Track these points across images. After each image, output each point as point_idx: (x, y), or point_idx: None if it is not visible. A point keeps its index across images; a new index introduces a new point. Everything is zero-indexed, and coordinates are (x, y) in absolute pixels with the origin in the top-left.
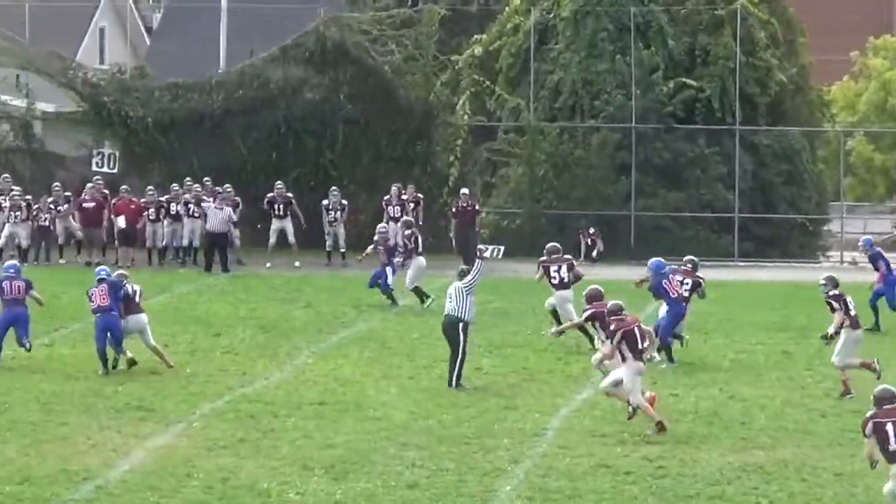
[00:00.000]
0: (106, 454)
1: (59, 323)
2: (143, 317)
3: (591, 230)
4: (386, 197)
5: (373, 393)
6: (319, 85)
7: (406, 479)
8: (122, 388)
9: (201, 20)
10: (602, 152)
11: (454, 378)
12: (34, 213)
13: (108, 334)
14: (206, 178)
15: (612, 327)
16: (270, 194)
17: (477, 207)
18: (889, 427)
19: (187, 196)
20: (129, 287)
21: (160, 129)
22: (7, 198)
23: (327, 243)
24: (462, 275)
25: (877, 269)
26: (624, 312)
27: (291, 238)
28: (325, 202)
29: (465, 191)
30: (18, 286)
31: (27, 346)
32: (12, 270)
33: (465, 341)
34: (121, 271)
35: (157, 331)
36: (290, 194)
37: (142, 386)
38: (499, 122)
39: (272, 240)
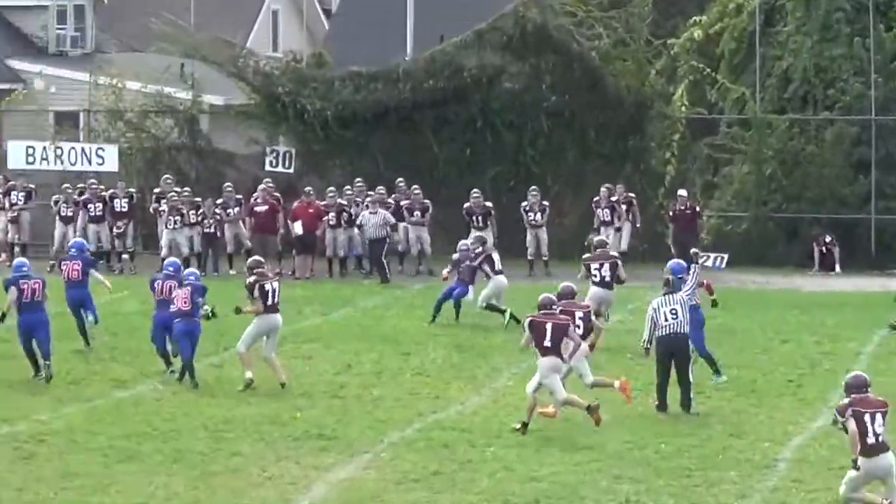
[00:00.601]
0: (283, 488)
1: (228, 342)
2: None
3: (828, 238)
4: (595, 198)
5: (582, 419)
6: (519, 73)
7: None
8: (300, 413)
9: (384, 1)
10: (837, 148)
11: (688, 403)
12: (199, 217)
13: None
14: (400, 180)
15: (526, 319)
16: (467, 204)
17: (697, 210)
18: (867, 418)
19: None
20: (269, 286)
21: (341, 124)
22: (167, 201)
23: (529, 251)
24: (668, 284)
25: None
26: (556, 308)
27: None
28: (524, 204)
29: (682, 192)
30: (170, 286)
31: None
32: (171, 269)
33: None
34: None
35: (341, 348)
36: (489, 203)
37: (322, 412)
38: (720, 114)
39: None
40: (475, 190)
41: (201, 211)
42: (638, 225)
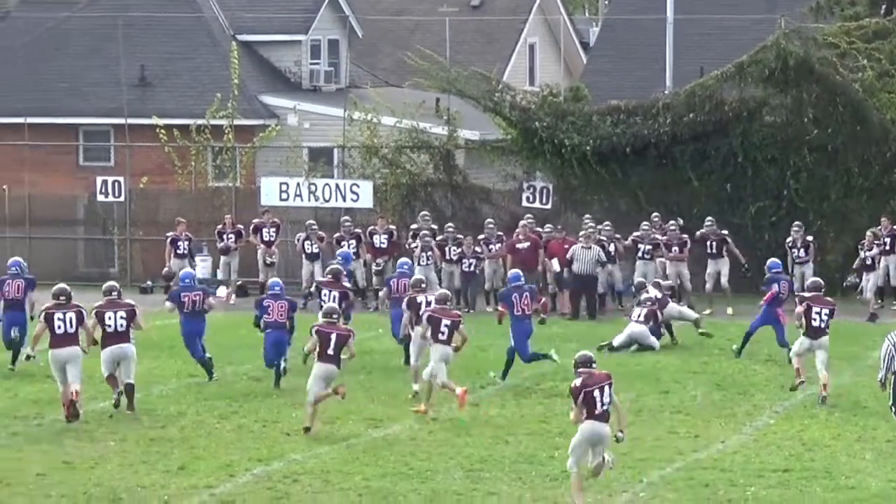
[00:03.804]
0: None
1: (484, 380)
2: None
3: None
4: (861, 241)
5: (845, 459)
6: (780, 106)
7: None
8: (558, 452)
9: (643, 33)
10: None
11: None
12: (456, 256)
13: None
14: (655, 214)
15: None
16: (701, 231)
17: None
18: (596, 393)
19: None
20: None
21: (599, 159)
22: (420, 238)
23: (795, 286)
24: None
25: None
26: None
27: (724, 280)
28: (788, 240)
29: None
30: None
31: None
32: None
33: None
34: None
35: None
36: (724, 232)
37: None
38: None
39: (708, 284)
40: (709, 218)
41: (459, 249)
42: None
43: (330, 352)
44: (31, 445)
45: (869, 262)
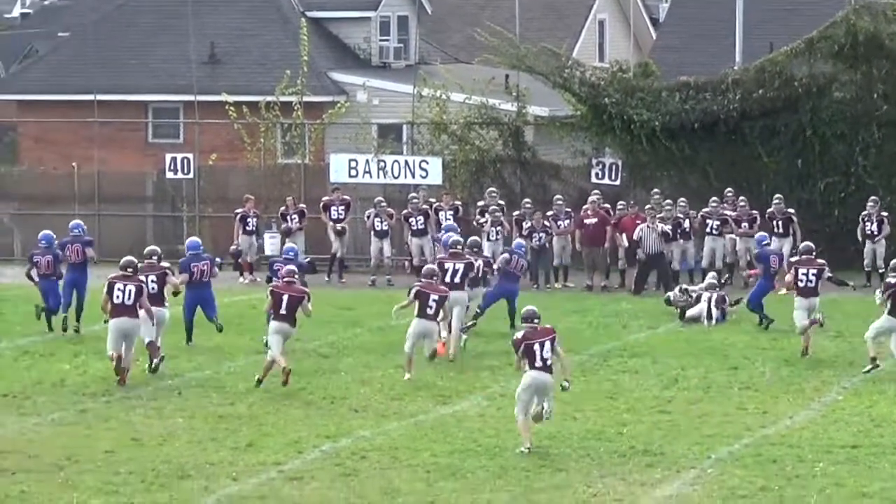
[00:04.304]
0: None
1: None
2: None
3: None
4: None
5: None
6: (850, 82)
7: None
8: (626, 429)
9: (713, 9)
10: None
11: None
12: (525, 231)
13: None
14: (728, 190)
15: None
16: (770, 209)
17: None
18: (536, 346)
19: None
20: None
21: (669, 135)
22: (489, 213)
23: (865, 262)
24: None
25: None
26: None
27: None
28: (863, 213)
29: None
30: None
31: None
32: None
33: None
34: None
35: (667, 363)
36: (790, 210)
37: (649, 427)
38: None
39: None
40: (777, 196)
41: (529, 224)
42: None
43: (283, 311)
44: (99, 422)
45: None
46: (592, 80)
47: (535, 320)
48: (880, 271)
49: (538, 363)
